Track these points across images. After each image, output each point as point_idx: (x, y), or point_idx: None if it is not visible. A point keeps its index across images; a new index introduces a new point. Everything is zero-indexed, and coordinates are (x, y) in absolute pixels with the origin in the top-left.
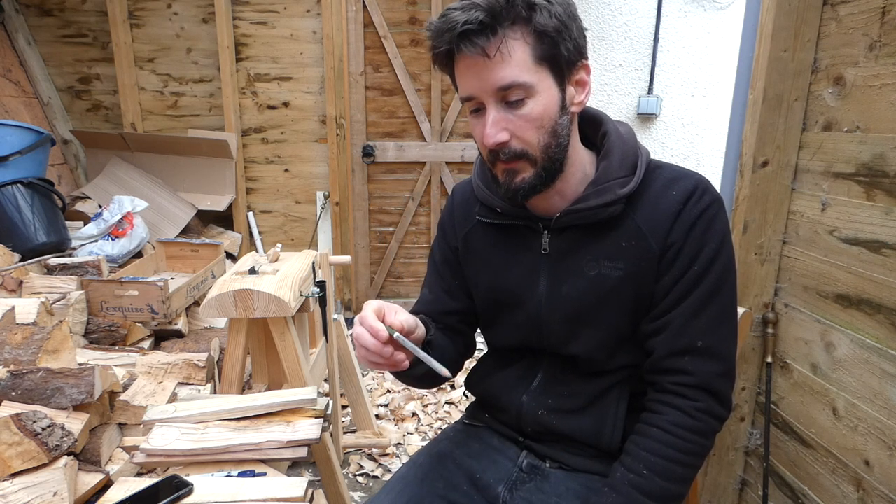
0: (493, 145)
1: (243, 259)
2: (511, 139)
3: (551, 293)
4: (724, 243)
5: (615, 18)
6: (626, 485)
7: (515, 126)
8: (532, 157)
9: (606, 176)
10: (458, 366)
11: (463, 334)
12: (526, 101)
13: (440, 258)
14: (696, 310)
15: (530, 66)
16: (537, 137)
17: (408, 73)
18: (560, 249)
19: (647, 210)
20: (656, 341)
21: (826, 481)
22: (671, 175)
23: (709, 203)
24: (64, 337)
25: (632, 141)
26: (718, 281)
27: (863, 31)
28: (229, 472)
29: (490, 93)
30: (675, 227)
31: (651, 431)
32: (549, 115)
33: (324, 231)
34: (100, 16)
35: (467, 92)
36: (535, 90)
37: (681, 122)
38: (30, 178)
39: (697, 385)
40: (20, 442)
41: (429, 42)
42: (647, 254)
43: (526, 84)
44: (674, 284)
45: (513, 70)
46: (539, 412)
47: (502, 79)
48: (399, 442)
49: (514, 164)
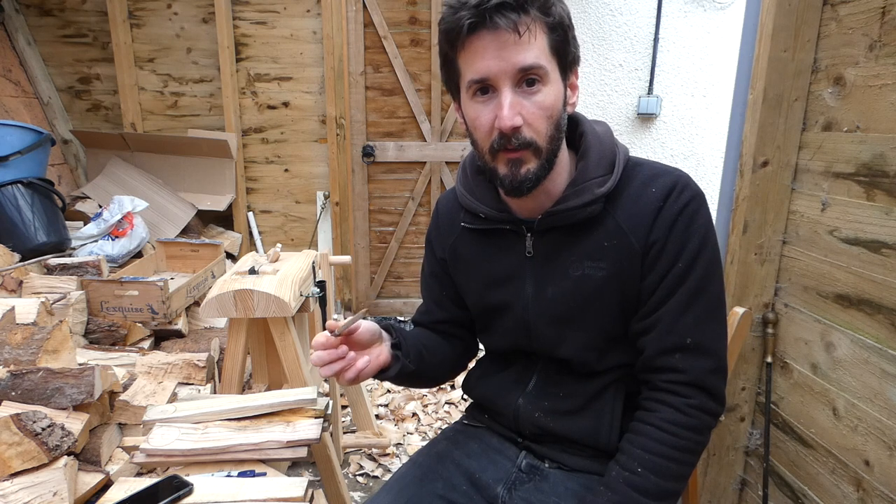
0: (510, 128)
1: (243, 259)
2: (523, 126)
3: (537, 296)
4: (707, 238)
5: (615, 18)
6: (622, 483)
7: (528, 112)
8: (539, 147)
9: (584, 176)
10: (459, 365)
11: (460, 338)
12: (540, 88)
13: (428, 271)
14: (684, 307)
15: (547, 53)
16: (546, 127)
17: (408, 73)
18: (544, 252)
19: (627, 208)
20: (646, 340)
21: (826, 481)
22: (650, 172)
23: (689, 199)
24: (64, 337)
25: (608, 140)
26: (704, 277)
27: (863, 31)
28: (229, 472)
29: (510, 74)
30: (656, 225)
31: (645, 429)
32: (557, 107)
33: (324, 231)
34: (100, 16)
35: (481, 73)
36: (550, 78)
37: (681, 122)
38: (30, 178)
39: (689, 382)
40: (20, 442)
41: (446, 16)
42: (629, 252)
43: (545, 69)
44: (659, 282)
45: (536, 52)
46: (536, 414)
47: (526, 59)
48: (399, 442)
49: (520, 154)
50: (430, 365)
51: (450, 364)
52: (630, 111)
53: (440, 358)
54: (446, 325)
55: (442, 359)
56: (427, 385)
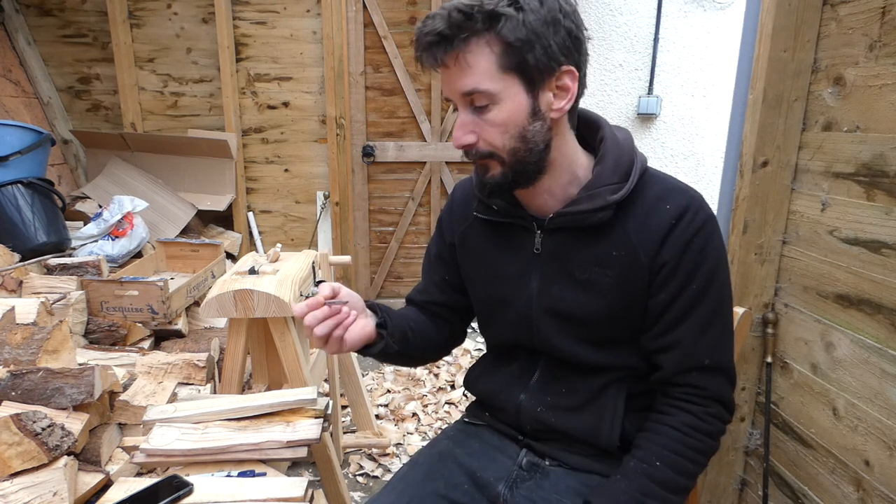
0: (460, 147)
1: (243, 259)
2: (478, 141)
3: (541, 292)
4: (721, 260)
5: (615, 18)
6: (640, 473)
7: (481, 129)
8: (500, 157)
9: (599, 181)
10: (443, 349)
11: (449, 323)
12: (490, 108)
13: (435, 252)
14: (702, 330)
15: (494, 74)
16: (502, 141)
17: (408, 73)
18: (552, 250)
19: (639, 221)
20: (663, 358)
21: (826, 481)
22: (665, 187)
23: (703, 221)
24: (64, 337)
25: (628, 147)
26: (720, 299)
27: (863, 31)
28: (229, 472)
29: (457, 98)
30: (666, 244)
31: (663, 430)
32: (515, 122)
33: (324, 231)
34: (100, 16)
35: (445, 94)
36: (499, 97)
37: (681, 122)
38: (30, 178)
39: (707, 396)
40: (20, 442)
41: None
42: (635, 265)
43: (488, 91)
44: (671, 302)
45: (474, 78)
46: (538, 409)
47: (463, 86)
48: (399, 442)
49: (484, 162)
50: (413, 347)
51: (434, 348)
52: (630, 111)
53: (425, 341)
54: (440, 308)
55: (427, 342)
56: (409, 365)
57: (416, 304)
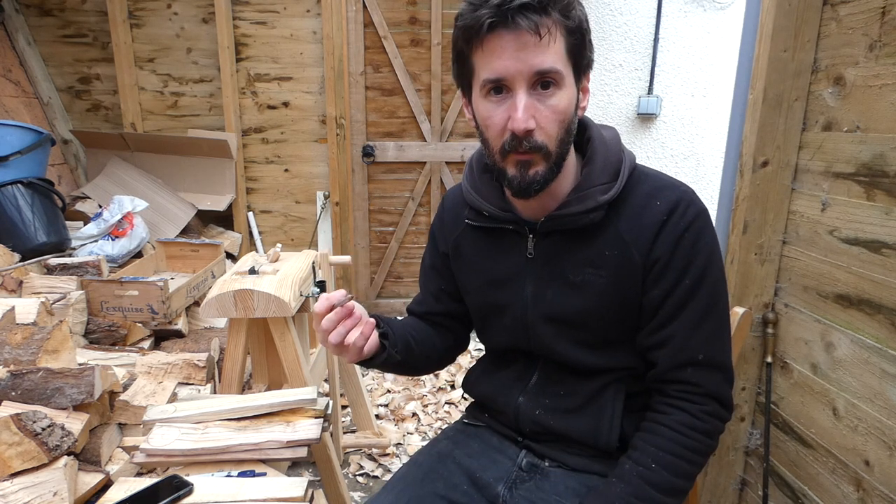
0: (523, 131)
1: (243, 259)
2: (535, 129)
3: (536, 297)
4: (714, 254)
5: (615, 18)
6: (635, 476)
7: (541, 116)
8: (548, 151)
9: (588, 182)
10: (446, 357)
11: (452, 331)
12: (556, 92)
13: (429, 263)
14: (695, 324)
15: (564, 57)
16: (557, 131)
17: (408, 73)
18: (545, 254)
19: (630, 219)
20: (658, 355)
21: (826, 481)
22: (655, 184)
23: (695, 216)
24: (64, 337)
25: (615, 146)
26: (713, 293)
27: (863, 31)
28: (229, 472)
29: (526, 76)
30: (659, 240)
31: (659, 429)
32: (569, 111)
33: (324, 231)
34: (100, 16)
35: (498, 73)
36: (565, 82)
37: (681, 122)
38: (30, 178)
39: (703, 393)
40: (20, 442)
41: (465, 13)
42: (629, 263)
43: (561, 73)
44: (665, 297)
45: (553, 56)
46: (536, 412)
47: (542, 62)
48: (399, 442)
49: (530, 156)
50: (416, 356)
51: (437, 356)
52: (630, 111)
53: (428, 350)
54: (440, 318)
55: (430, 351)
56: (411, 374)
57: (418, 315)
